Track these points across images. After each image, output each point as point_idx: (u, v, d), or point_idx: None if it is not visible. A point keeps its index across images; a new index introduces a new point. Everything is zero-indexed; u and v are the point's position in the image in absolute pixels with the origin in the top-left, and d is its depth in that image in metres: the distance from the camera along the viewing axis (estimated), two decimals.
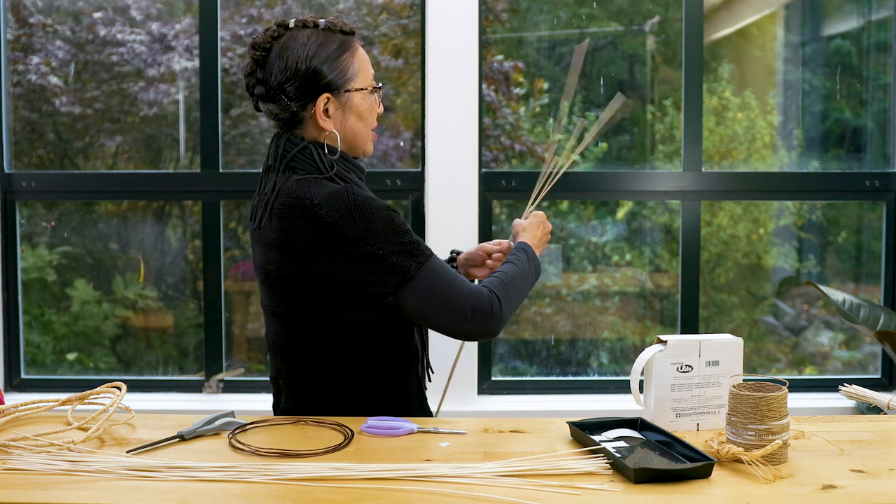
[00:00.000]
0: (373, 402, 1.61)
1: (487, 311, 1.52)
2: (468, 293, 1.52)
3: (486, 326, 1.53)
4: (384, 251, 1.50)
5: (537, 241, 1.78)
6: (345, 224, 1.50)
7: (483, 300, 1.52)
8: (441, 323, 1.54)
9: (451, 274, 1.55)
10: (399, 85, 3.13)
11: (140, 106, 3.13)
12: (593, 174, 2.99)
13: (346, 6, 3.13)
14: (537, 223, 1.81)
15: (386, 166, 3.10)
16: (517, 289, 1.60)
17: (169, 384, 3.04)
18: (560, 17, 3.19)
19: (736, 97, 3.28)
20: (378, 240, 1.50)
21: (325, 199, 1.51)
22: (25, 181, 2.97)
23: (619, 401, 2.90)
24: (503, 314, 1.54)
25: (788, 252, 3.38)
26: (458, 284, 1.53)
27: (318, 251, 1.52)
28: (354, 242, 1.50)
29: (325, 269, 1.52)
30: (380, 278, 1.51)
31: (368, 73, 1.64)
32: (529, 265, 1.67)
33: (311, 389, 1.63)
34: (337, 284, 1.53)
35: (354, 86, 1.61)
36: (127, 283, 3.16)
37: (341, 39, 1.61)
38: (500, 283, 1.58)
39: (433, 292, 1.52)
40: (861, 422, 1.57)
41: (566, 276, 3.24)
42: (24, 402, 1.57)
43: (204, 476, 1.24)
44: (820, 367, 3.26)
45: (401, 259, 1.51)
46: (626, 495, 1.18)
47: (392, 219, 1.52)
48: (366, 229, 1.50)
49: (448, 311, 1.52)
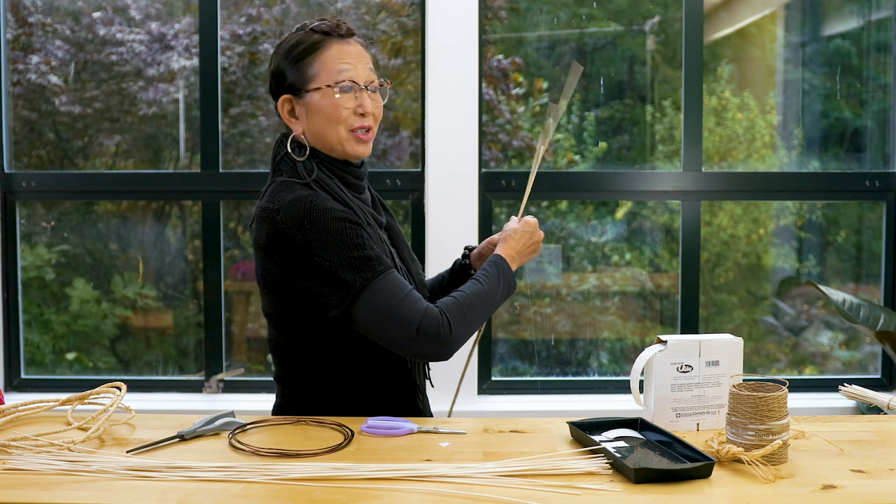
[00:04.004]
0: (362, 402, 1.62)
1: (434, 333, 1.48)
2: (416, 313, 1.49)
3: (433, 348, 1.50)
4: (331, 263, 1.49)
5: (516, 253, 1.69)
6: (295, 232, 1.50)
7: (432, 321, 1.49)
8: (388, 340, 1.52)
9: (405, 292, 1.51)
10: (398, 84, 3.13)
11: (139, 105, 3.13)
12: (593, 174, 2.99)
13: (344, 5, 3.13)
14: (524, 233, 1.71)
15: (386, 166, 3.10)
16: (475, 310, 1.55)
17: (169, 384, 3.04)
18: (560, 17, 3.19)
19: (736, 97, 3.28)
20: (326, 252, 1.49)
21: (286, 205, 1.51)
22: (25, 181, 2.97)
23: (619, 401, 2.90)
24: (453, 337, 1.50)
25: (788, 252, 3.38)
26: (408, 303, 1.49)
27: (274, 255, 1.53)
28: (303, 251, 1.50)
29: (280, 274, 1.54)
30: (325, 290, 1.50)
31: (333, 72, 1.59)
32: (499, 282, 1.61)
33: (301, 388, 1.64)
34: (291, 289, 1.54)
35: (311, 86, 1.60)
36: (126, 282, 3.16)
37: (315, 40, 1.61)
38: (456, 303, 1.53)
39: (379, 309, 1.49)
40: (861, 422, 1.57)
41: (566, 276, 3.24)
42: (24, 402, 1.57)
43: (204, 476, 1.24)
44: (820, 367, 3.26)
45: (346, 273, 1.49)
46: (626, 495, 1.18)
47: (345, 231, 1.50)
48: (315, 239, 1.49)
49: (394, 328, 1.49)
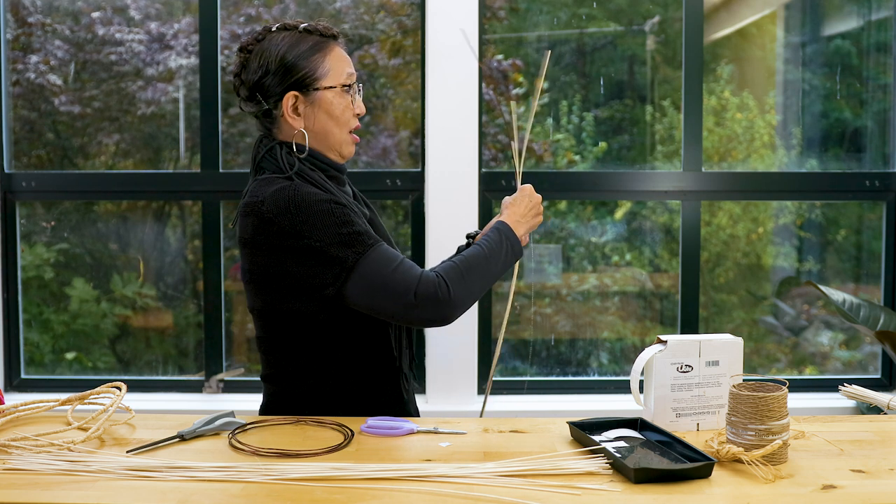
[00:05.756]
0: (343, 399, 1.62)
1: (433, 296, 1.49)
2: (412, 279, 1.50)
3: (434, 311, 1.50)
4: (322, 243, 1.51)
5: (519, 217, 1.70)
6: (282, 218, 1.52)
7: (429, 285, 1.50)
8: (387, 310, 1.52)
9: (397, 261, 1.53)
10: (397, 84, 3.13)
11: (138, 105, 3.13)
12: (593, 174, 2.99)
13: (343, 4, 3.13)
14: (521, 197, 1.73)
15: (385, 166, 3.10)
16: (475, 272, 1.56)
17: (169, 384, 3.04)
18: (560, 17, 3.19)
19: (735, 97, 3.28)
20: (315, 232, 1.51)
21: (269, 196, 1.54)
22: (25, 181, 2.97)
23: (619, 401, 2.90)
24: (452, 298, 1.50)
25: (788, 252, 3.38)
26: (401, 271, 1.51)
27: (263, 246, 1.55)
28: (293, 236, 1.52)
29: (269, 264, 1.55)
30: (319, 270, 1.52)
31: (341, 72, 1.64)
32: (501, 245, 1.63)
33: (289, 385, 1.65)
34: (282, 277, 1.55)
35: (324, 84, 1.62)
36: (125, 281, 3.15)
37: (317, 40, 1.63)
38: (453, 266, 1.55)
39: (375, 280, 1.51)
40: (861, 422, 1.57)
41: (566, 276, 3.24)
42: (24, 402, 1.57)
43: (204, 476, 1.24)
44: (820, 367, 3.26)
45: (339, 250, 1.51)
46: (626, 495, 1.18)
47: (332, 211, 1.52)
48: (303, 222, 1.51)
49: (391, 298, 1.50)
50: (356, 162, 3.08)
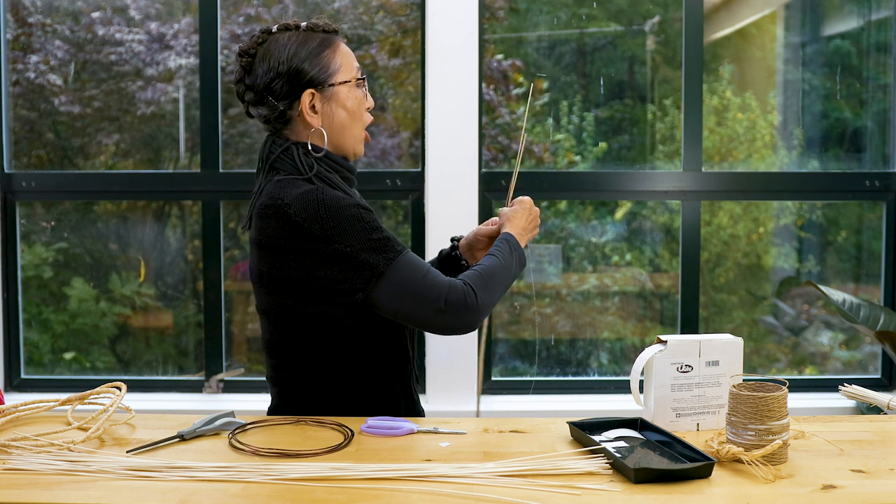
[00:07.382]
0: (355, 401, 1.62)
1: (462, 303, 1.51)
2: (441, 286, 1.52)
3: (462, 318, 1.52)
4: (352, 248, 1.51)
5: (522, 230, 1.74)
6: (312, 223, 1.51)
7: (457, 292, 1.51)
8: (416, 317, 1.53)
9: (425, 268, 1.54)
10: (397, 84, 3.13)
11: (138, 105, 3.13)
12: (593, 174, 2.99)
13: (342, 4, 3.13)
14: (522, 211, 1.76)
15: (385, 166, 3.10)
16: (496, 280, 1.59)
17: (169, 384, 3.04)
18: (560, 17, 3.19)
19: (736, 97, 3.28)
20: (345, 238, 1.51)
21: (296, 198, 1.53)
22: (25, 181, 2.97)
23: (619, 401, 2.90)
24: (479, 305, 1.53)
25: (788, 252, 3.38)
26: (430, 278, 1.53)
27: (289, 249, 1.54)
28: (322, 241, 1.52)
29: (296, 267, 1.54)
30: (349, 275, 1.52)
31: (352, 67, 1.65)
32: (512, 256, 1.66)
33: (298, 387, 1.64)
34: (308, 282, 1.54)
35: (338, 79, 1.63)
36: (124, 281, 3.15)
37: (322, 37, 1.64)
38: (477, 275, 1.57)
39: (405, 287, 1.52)
40: (861, 422, 1.57)
41: (566, 276, 3.24)
42: (24, 402, 1.57)
43: (204, 476, 1.24)
44: (820, 367, 3.26)
45: (369, 256, 1.52)
46: (626, 495, 1.18)
47: (361, 216, 1.53)
48: (333, 227, 1.51)
49: (422, 304, 1.51)
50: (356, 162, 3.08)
